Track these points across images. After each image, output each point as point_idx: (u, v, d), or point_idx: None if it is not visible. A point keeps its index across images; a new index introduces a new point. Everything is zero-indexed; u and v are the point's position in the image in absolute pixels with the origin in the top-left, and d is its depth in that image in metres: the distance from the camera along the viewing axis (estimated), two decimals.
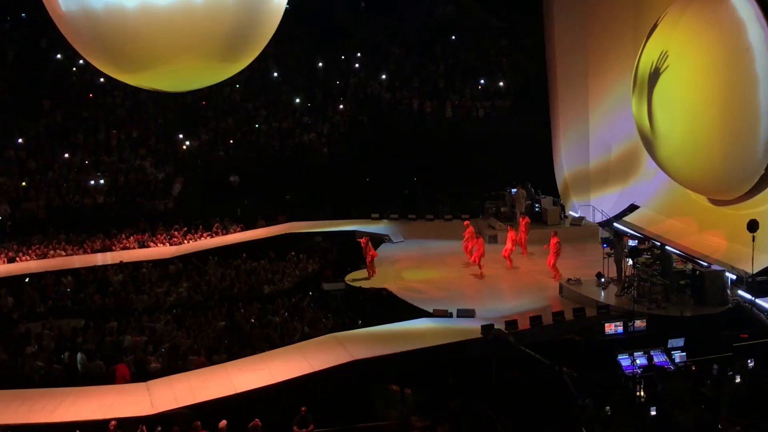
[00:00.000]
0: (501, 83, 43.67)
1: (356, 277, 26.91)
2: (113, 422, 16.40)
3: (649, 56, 26.69)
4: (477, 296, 24.84)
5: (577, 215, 31.95)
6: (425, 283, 26.29)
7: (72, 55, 38.40)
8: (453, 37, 47.49)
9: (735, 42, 24.42)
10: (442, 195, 35.77)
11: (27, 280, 28.99)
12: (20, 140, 39.91)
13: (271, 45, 20.54)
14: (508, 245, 27.31)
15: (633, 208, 31.38)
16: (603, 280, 24.31)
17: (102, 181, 37.68)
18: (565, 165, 32.89)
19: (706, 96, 24.93)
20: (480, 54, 46.14)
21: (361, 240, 27.41)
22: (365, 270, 27.07)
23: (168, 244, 33.50)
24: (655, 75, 26.35)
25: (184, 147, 41.29)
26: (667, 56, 25.79)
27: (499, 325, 20.88)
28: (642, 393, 18.34)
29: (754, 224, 23.08)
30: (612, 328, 20.92)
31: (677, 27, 25.69)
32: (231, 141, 41.70)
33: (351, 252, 29.34)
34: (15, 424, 16.69)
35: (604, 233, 29.48)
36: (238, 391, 18.26)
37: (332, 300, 25.92)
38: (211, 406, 17.59)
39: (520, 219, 29.31)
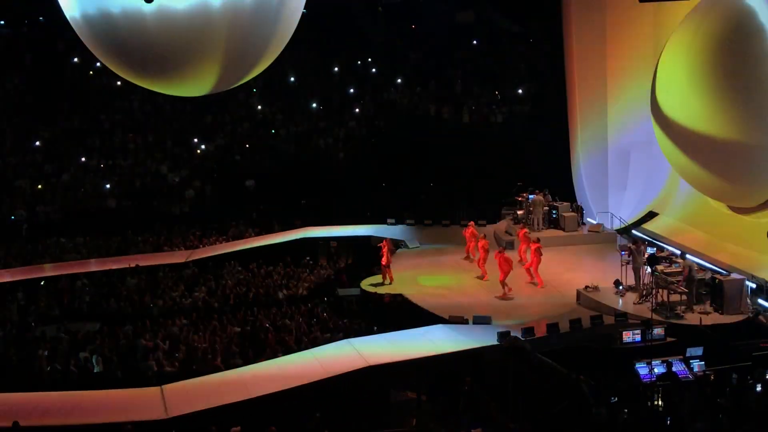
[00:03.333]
0: (519, 89, 43.52)
1: (371, 283, 26.81)
2: (129, 427, 16.35)
3: (669, 61, 26.47)
4: (493, 303, 24.70)
5: (595, 222, 31.72)
6: (441, 289, 26.16)
7: (89, 58, 38.58)
8: (471, 43, 47.39)
9: (758, 48, 24.16)
10: (458, 200, 35.64)
11: (42, 283, 29.04)
12: (37, 143, 40.09)
13: (287, 50, 20.49)
14: (482, 253, 27.03)
15: (651, 215, 31.15)
16: (621, 287, 24.15)
17: (118, 185, 37.80)
18: (583, 171, 32.69)
19: (728, 100, 24.67)
20: (498, 59, 46.01)
21: (381, 244, 27.29)
22: (380, 275, 26.95)
23: (184, 248, 33.49)
24: (675, 80, 26.14)
25: (199, 151, 41.37)
26: (689, 60, 25.57)
27: (516, 333, 20.74)
28: (659, 402, 18.20)
29: None
30: (630, 336, 20.75)
31: (698, 32, 25.46)
32: (247, 145, 41.74)
33: (366, 257, 29.25)
34: (30, 426, 16.65)
35: (623, 240, 29.28)
36: (253, 396, 18.17)
37: (347, 305, 25.83)
38: (225, 411, 17.51)
39: (519, 232, 28.81)
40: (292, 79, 45.85)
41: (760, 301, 23.03)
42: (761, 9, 24.02)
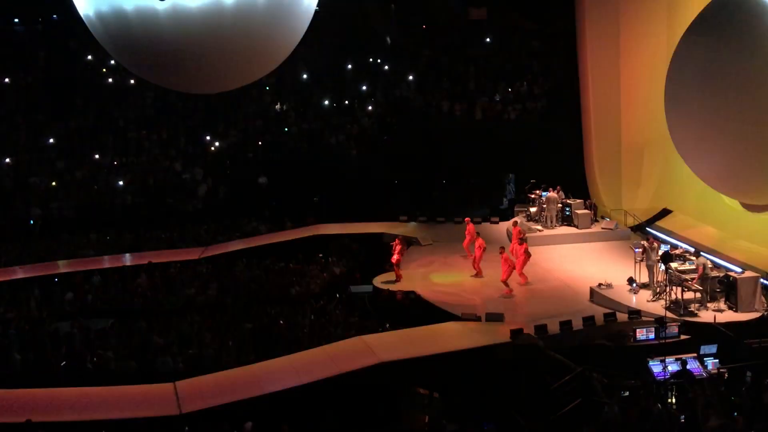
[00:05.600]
0: (532, 86, 43.32)
1: (384, 280, 26.80)
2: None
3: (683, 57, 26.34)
4: (506, 300, 24.66)
5: (608, 219, 31.59)
6: (453, 287, 26.12)
7: (102, 56, 38.75)
8: (484, 39, 47.21)
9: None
10: (471, 198, 35.56)
11: (56, 279, 29.17)
12: (50, 140, 40.25)
13: (300, 47, 20.50)
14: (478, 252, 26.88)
15: (665, 212, 31.04)
16: (634, 285, 24.07)
17: (131, 182, 37.93)
18: (597, 168, 32.58)
19: (740, 96, 24.52)
20: (511, 56, 45.82)
21: (394, 242, 27.26)
22: (393, 273, 26.94)
23: (197, 245, 33.53)
24: (687, 77, 26.02)
25: (213, 148, 41.44)
26: (701, 56, 25.42)
27: (529, 330, 20.70)
28: (673, 400, 18.13)
29: None
30: (643, 333, 20.68)
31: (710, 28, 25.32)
32: (260, 142, 41.77)
33: (379, 254, 29.24)
34: (44, 422, 16.73)
35: (636, 238, 29.18)
36: (265, 392, 18.20)
37: (360, 302, 25.83)
38: (238, 407, 17.55)
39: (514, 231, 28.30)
40: (305, 76, 45.83)
41: None
42: None
